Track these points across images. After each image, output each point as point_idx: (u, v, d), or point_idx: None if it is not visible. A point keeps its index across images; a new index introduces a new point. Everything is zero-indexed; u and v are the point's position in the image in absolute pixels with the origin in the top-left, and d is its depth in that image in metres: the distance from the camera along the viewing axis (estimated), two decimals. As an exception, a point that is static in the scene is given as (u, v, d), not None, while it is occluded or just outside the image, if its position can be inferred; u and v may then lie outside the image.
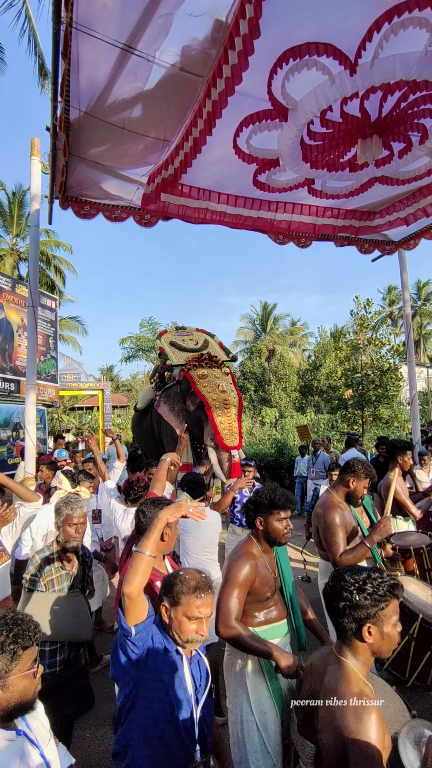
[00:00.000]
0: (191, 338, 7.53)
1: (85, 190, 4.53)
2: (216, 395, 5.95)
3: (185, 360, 6.71)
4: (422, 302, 32.51)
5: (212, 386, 6.05)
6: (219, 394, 5.97)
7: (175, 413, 6.47)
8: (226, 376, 6.38)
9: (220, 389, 6.02)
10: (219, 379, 6.19)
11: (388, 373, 12.72)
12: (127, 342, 25.22)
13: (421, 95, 2.97)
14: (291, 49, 2.65)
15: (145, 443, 8.22)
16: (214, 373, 6.31)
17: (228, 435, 5.72)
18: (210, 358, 6.66)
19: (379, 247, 6.30)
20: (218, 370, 6.42)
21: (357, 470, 3.05)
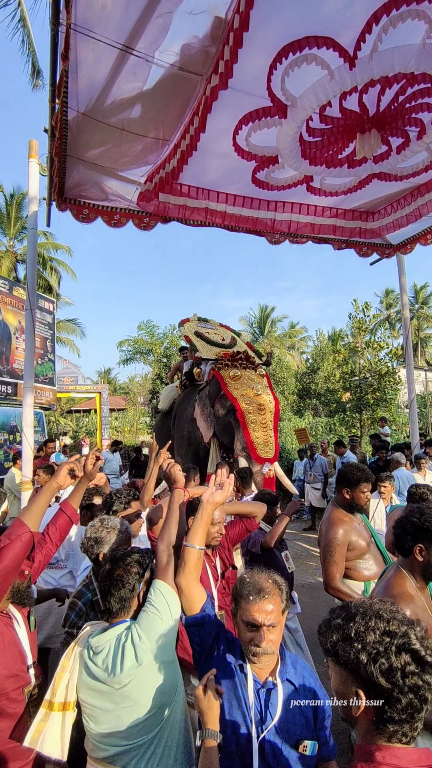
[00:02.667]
0: (217, 332, 6.82)
1: (83, 191, 4.52)
2: (250, 399, 5.25)
3: (216, 355, 6.02)
4: (420, 305, 32.59)
5: (246, 389, 5.35)
6: (253, 398, 5.27)
7: (204, 417, 5.80)
8: (262, 379, 5.69)
9: (255, 392, 5.33)
10: (254, 381, 5.49)
11: (386, 376, 12.72)
12: (125, 345, 25.16)
13: (419, 88, 2.98)
14: (290, 44, 2.65)
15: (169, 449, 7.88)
16: (248, 374, 5.59)
17: (262, 445, 5.03)
18: (246, 358, 5.91)
19: (378, 251, 6.30)
20: (253, 372, 5.70)
21: (349, 478, 2.85)
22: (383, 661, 0.95)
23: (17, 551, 1.74)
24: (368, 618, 1.01)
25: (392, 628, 0.99)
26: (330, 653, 1.03)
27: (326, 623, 1.08)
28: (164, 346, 22.79)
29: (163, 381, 20.74)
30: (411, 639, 0.97)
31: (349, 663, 0.98)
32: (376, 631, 0.98)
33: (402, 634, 0.98)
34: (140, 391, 26.64)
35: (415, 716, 0.95)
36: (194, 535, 1.65)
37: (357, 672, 0.97)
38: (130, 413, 26.15)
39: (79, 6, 2.56)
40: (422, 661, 0.95)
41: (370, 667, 0.95)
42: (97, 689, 1.53)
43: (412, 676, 0.94)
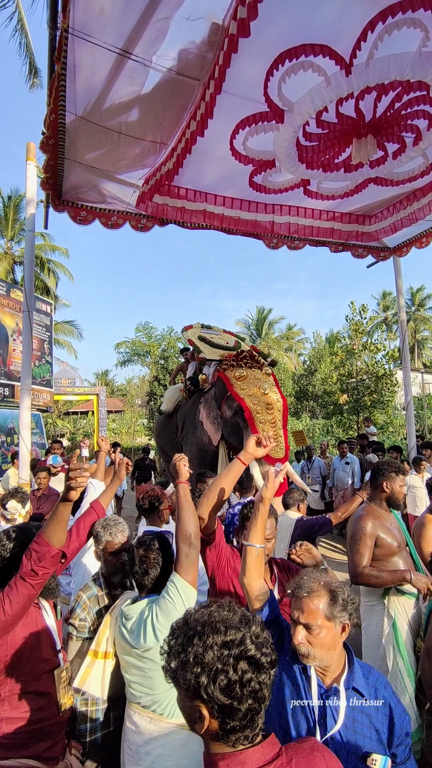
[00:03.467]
0: (221, 337, 6.73)
1: (81, 194, 4.53)
2: (258, 399, 5.14)
3: (220, 357, 5.91)
4: (416, 308, 32.73)
5: (253, 388, 5.23)
6: (261, 397, 5.15)
7: (210, 420, 5.70)
8: (268, 377, 5.56)
9: (262, 391, 5.20)
10: (260, 380, 5.37)
11: (383, 378, 12.77)
12: (123, 346, 25.17)
13: (415, 96, 3.00)
14: (287, 51, 2.67)
15: (172, 450, 7.32)
16: (254, 373, 5.46)
17: (273, 445, 5.04)
18: (251, 357, 5.79)
19: (374, 253, 6.34)
20: (259, 371, 5.56)
21: (386, 471, 2.84)
22: (222, 678, 0.96)
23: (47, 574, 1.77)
24: (206, 637, 1.01)
25: (229, 637, 1.00)
26: (171, 678, 1.04)
27: (168, 645, 1.07)
28: (162, 347, 22.80)
29: (160, 383, 20.74)
30: (246, 645, 1.00)
31: (190, 687, 0.98)
32: (214, 648, 0.99)
33: (238, 642, 1.00)
34: (138, 393, 26.63)
35: (255, 718, 0.98)
36: (252, 534, 1.74)
37: (198, 693, 0.97)
38: (127, 415, 26.14)
39: (77, 10, 2.57)
40: (258, 664, 0.99)
41: (210, 686, 0.96)
42: (127, 648, 1.86)
43: (249, 683, 0.97)
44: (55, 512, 1.75)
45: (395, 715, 1.47)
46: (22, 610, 1.70)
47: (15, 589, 1.69)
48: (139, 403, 26.63)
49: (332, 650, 1.49)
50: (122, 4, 2.56)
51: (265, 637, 1.04)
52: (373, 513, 2.80)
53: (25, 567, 1.70)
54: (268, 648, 1.03)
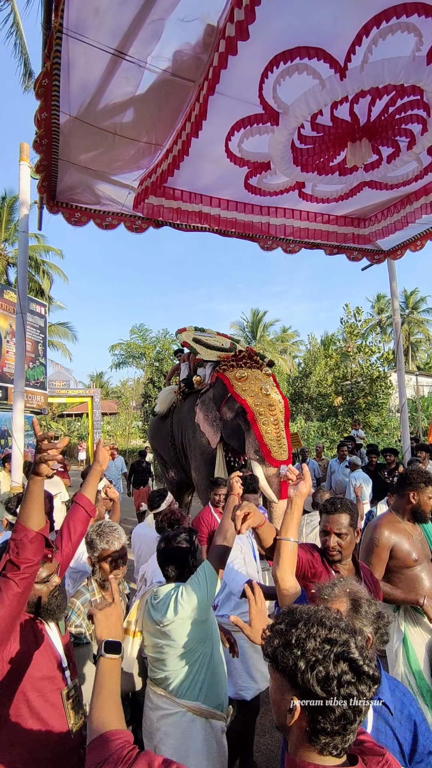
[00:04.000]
0: (215, 340, 6.66)
1: (75, 195, 4.51)
2: (260, 400, 5.01)
3: (218, 357, 5.81)
4: (410, 310, 32.93)
5: (254, 389, 5.10)
6: (263, 398, 5.02)
7: (209, 422, 5.54)
8: (269, 378, 5.45)
9: (264, 392, 5.07)
10: (261, 380, 5.25)
11: (377, 380, 12.81)
12: (118, 348, 25.12)
13: (409, 100, 3.02)
14: (282, 53, 2.67)
15: (166, 453, 7.22)
16: (254, 373, 5.34)
17: (276, 447, 4.81)
18: (250, 357, 5.65)
19: (368, 256, 6.35)
20: (259, 371, 5.44)
21: (415, 481, 2.66)
22: (321, 669, 0.94)
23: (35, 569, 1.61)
24: (310, 625, 1.01)
25: (333, 635, 0.99)
26: (269, 658, 1.03)
27: (270, 627, 1.07)
28: (157, 350, 22.77)
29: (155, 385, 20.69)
30: (350, 648, 0.97)
31: (287, 669, 0.98)
32: (317, 638, 0.98)
33: (342, 643, 0.98)
34: (132, 395, 26.58)
35: (348, 728, 0.94)
36: (287, 528, 1.77)
37: (294, 679, 0.96)
38: (122, 417, 26.08)
39: (71, 10, 2.56)
40: (359, 671, 0.95)
41: (307, 674, 0.95)
42: (151, 626, 2.02)
43: (347, 685, 0.94)
44: (27, 490, 1.57)
45: (419, 732, 1.45)
46: (12, 614, 1.51)
47: (1, 592, 1.50)
48: (134, 406, 26.57)
49: None
50: (117, 5, 2.55)
51: (371, 653, 1.05)
52: (392, 522, 2.65)
53: (4, 561, 1.53)
54: (372, 661, 0.99)
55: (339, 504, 2.17)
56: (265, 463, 4.75)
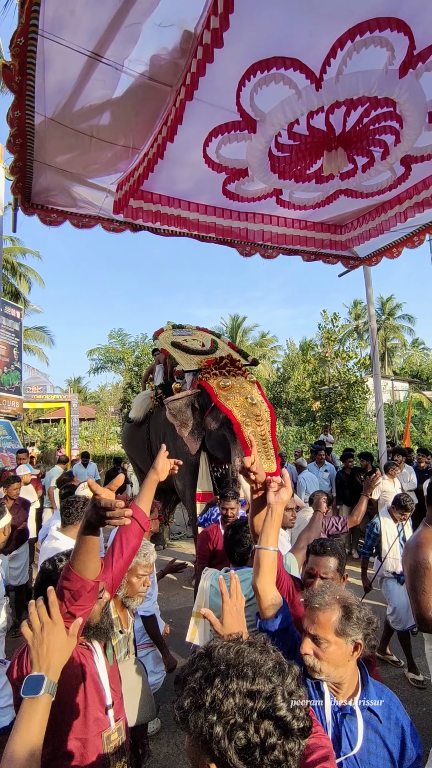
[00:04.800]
0: (194, 338, 6.34)
1: (51, 197, 4.45)
2: (246, 410, 4.82)
3: (198, 364, 5.55)
4: (386, 316, 33.61)
5: (239, 398, 4.90)
6: (249, 408, 4.84)
7: (189, 431, 5.33)
8: (253, 385, 5.24)
9: (250, 402, 4.89)
10: (246, 389, 5.06)
11: (354, 385, 13.02)
12: (96, 353, 24.86)
13: (382, 112, 3.09)
14: (259, 63, 2.70)
15: (141, 461, 6.94)
16: (239, 382, 5.13)
17: (264, 459, 4.69)
18: (232, 363, 5.46)
19: (344, 262, 6.46)
20: (243, 378, 5.24)
21: None
22: (240, 736, 0.78)
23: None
24: (230, 679, 0.83)
25: (257, 687, 0.83)
26: (178, 720, 0.85)
27: (182, 681, 0.89)
28: (135, 354, 22.60)
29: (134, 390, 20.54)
30: (276, 702, 0.81)
31: (200, 736, 0.80)
32: (236, 696, 0.81)
33: (267, 696, 0.82)
34: (111, 401, 26.28)
35: None
36: (267, 537, 1.66)
37: (209, 746, 0.79)
38: (100, 422, 25.74)
39: (47, 11, 2.53)
40: (287, 728, 0.80)
41: (224, 742, 0.78)
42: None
43: (272, 750, 0.78)
44: (83, 542, 1.43)
45: (407, 737, 1.43)
46: None
47: None
48: (112, 411, 26.27)
49: (341, 667, 1.43)
50: (93, 7, 2.53)
51: (300, 696, 0.85)
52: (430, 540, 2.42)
53: (60, 610, 1.38)
54: (302, 711, 0.83)
55: (329, 546, 2.10)
56: None
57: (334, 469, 7.86)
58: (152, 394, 6.66)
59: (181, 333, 6.51)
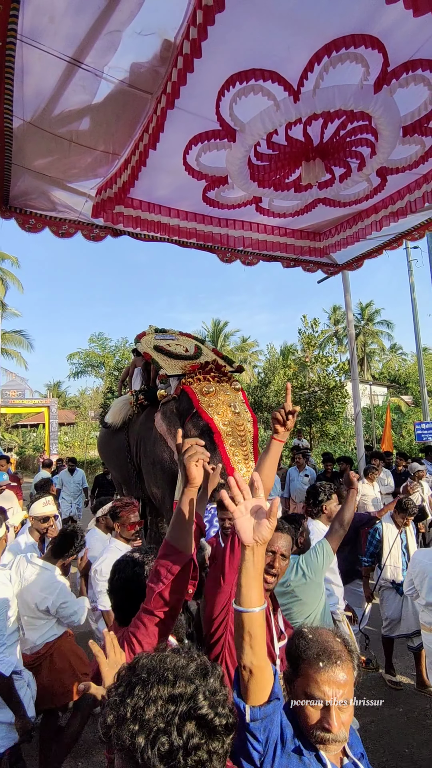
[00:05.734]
0: (178, 343, 6.13)
1: (30, 201, 4.40)
2: (228, 419, 4.61)
3: (182, 369, 5.35)
4: (365, 322, 34.20)
5: (222, 407, 4.69)
6: (232, 418, 4.62)
7: (172, 435, 5.06)
8: (238, 393, 5.04)
9: (233, 411, 4.68)
10: (230, 397, 4.84)
11: (334, 390, 13.19)
12: (76, 357, 24.58)
13: (358, 125, 3.17)
14: (237, 74, 2.74)
15: (117, 468, 6.58)
16: (223, 389, 4.91)
17: (244, 471, 4.50)
18: (218, 368, 5.23)
19: (323, 268, 6.57)
20: (228, 385, 5.02)
21: None
22: (163, 741, 0.77)
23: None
24: (150, 686, 0.82)
25: (178, 690, 0.81)
26: (103, 740, 0.84)
27: (107, 694, 0.88)
28: (116, 359, 22.45)
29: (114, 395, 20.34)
30: (198, 701, 0.80)
31: (124, 749, 0.79)
32: (158, 702, 0.80)
33: (189, 697, 0.81)
34: (91, 405, 26.00)
35: None
36: (248, 593, 1.16)
37: (133, 758, 0.78)
38: (80, 427, 25.43)
39: (26, 17, 2.52)
40: (210, 726, 0.80)
41: (147, 752, 0.76)
42: (280, 590, 2.45)
43: (196, 751, 0.77)
44: (180, 509, 1.34)
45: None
46: (152, 647, 1.35)
47: (143, 627, 1.34)
48: (92, 415, 25.99)
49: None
50: (72, 14, 2.54)
51: (224, 694, 0.85)
52: None
53: (154, 593, 1.32)
54: (225, 708, 0.83)
55: (282, 524, 2.05)
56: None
57: (315, 473, 7.94)
58: (132, 399, 6.39)
59: (164, 337, 6.30)
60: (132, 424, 6.22)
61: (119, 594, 1.66)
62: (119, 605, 1.67)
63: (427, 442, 9.87)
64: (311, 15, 2.49)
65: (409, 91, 2.95)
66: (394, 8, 2.37)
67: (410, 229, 5.34)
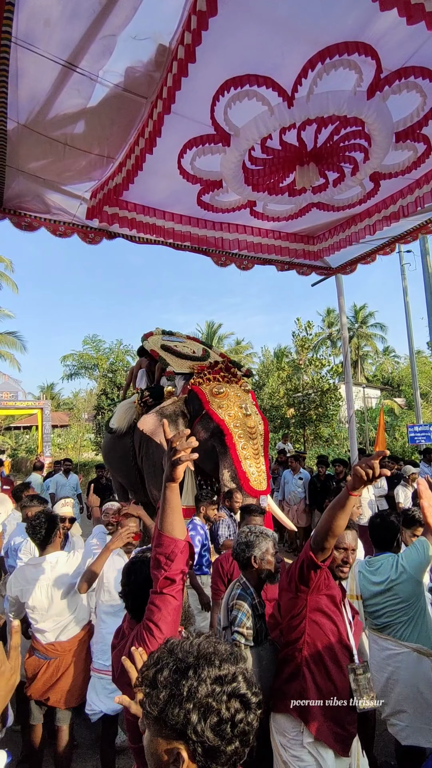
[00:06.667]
0: (185, 345, 5.98)
1: (24, 203, 4.40)
2: (239, 420, 4.47)
3: (190, 368, 5.23)
4: (359, 324, 34.36)
5: (233, 408, 4.55)
6: (242, 419, 4.49)
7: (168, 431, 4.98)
8: (248, 395, 4.91)
9: (244, 412, 4.54)
10: (241, 399, 4.69)
11: (327, 392, 13.22)
12: (70, 359, 24.47)
13: (351, 130, 3.21)
14: (232, 79, 2.77)
15: (122, 473, 6.32)
16: (233, 390, 4.76)
17: (255, 475, 4.37)
18: (227, 369, 5.07)
19: (318, 272, 6.60)
20: (238, 387, 4.87)
21: None
22: (213, 717, 0.89)
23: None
24: (201, 669, 0.93)
25: (222, 672, 0.93)
26: (152, 717, 0.92)
27: (151, 676, 0.96)
28: (110, 361, 22.40)
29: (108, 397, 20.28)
30: (239, 681, 0.93)
31: (176, 725, 0.88)
32: (207, 682, 0.91)
33: (231, 678, 0.93)
34: (85, 407, 25.90)
35: (237, 764, 0.91)
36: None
37: (184, 732, 0.88)
38: (74, 429, 25.31)
39: (20, 20, 2.52)
40: (248, 703, 0.92)
41: (200, 725, 0.87)
42: (370, 587, 2.58)
43: (240, 723, 0.90)
44: (165, 499, 1.53)
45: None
46: (174, 629, 1.52)
47: (159, 610, 1.50)
48: (86, 418, 25.89)
49: None
50: (68, 18, 2.54)
51: (252, 675, 0.98)
52: None
53: (160, 577, 1.50)
54: (256, 687, 0.96)
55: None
56: (243, 493, 4.30)
57: (309, 476, 7.95)
58: (137, 399, 6.12)
59: (171, 339, 6.15)
60: (137, 427, 5.81)
61: (139, 594, 1.71)
62: (138, 606, 1.72)
63: (419, 444, 9.93)
64: (305, 22, 2.51)
65: (401, 98, 3.00)
66: (387, 16, 2.41)
67: (403, 233, 5.39)
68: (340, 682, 1.88)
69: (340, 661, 1.91)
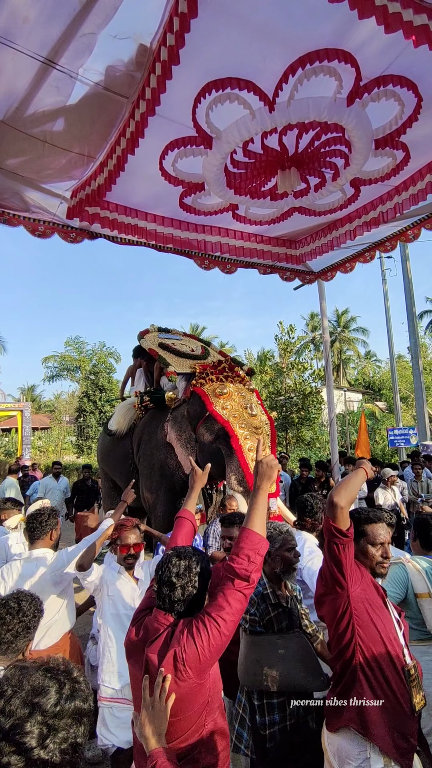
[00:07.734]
0: (183, 343, 5.80)
1: (2, 200, 4.31)
2: (244, 421, 4.34)
3: (190, 368, 5.04)
4: (341, 329, 34.78)
5: (238, 408, 4.40)
6: (248, 419, 4.36)
7: (182, 443, 4.68)
8: (252, 394, 4.73)
9: (249, 412, 4.41)
10: (245, 398, 4.54)
11: (309, 396, 13.33)
12: (51, 361, 24.16)
13: (332, 136, 3.24)
14: (214, 81, 2.76)
15: (123, 477, 6.04)
16: (237, 389, 4.60)
17: None
18: (230, 368, 4.91)
19: (300, 276, 6.65)
20: (242, 386, 4.71)
21: None
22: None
23: None
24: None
25: (11, 707, 0.79)
26: None
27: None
28: (93, 362, 22.17)
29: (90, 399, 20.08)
30: (24, 727, 0.77)
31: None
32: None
33: (19, 717, 0.78)
34: (66, 409, 25.57)
35: None
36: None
37: None
38: (55, 432, 24.97)
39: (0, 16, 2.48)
40: (31, 759, 0.77)
41: None
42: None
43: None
44: (258, 503, 1.75)
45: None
46: (235, 628, 1.49)
47: (228, 605, 1.47)
48: (67, 420, 25.56)
49: None
50: (47, 16, 2.51)
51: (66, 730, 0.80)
52: None
53: (239, 570, 1.51)
54: (65, 744, 0.79)
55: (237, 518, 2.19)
56: (247, 497, 4.10)
57: (289, 478, 7.98)
58: (136, 401, 5.95)
59: (169, 336, 5.97)
60: (137, 428, 5.80)
61: (200, 590, 1.71)
62: (193, 603, 1.69)
63: (399, 447, 10.08)
64: (285, 27, 2.53)
65: (380, 106, 3.04)
66: (366, 25, 2.44)
67: (383, 239, 5.47)
68: (396, 685, 1.77)
69: (395, 662, 1.79)
